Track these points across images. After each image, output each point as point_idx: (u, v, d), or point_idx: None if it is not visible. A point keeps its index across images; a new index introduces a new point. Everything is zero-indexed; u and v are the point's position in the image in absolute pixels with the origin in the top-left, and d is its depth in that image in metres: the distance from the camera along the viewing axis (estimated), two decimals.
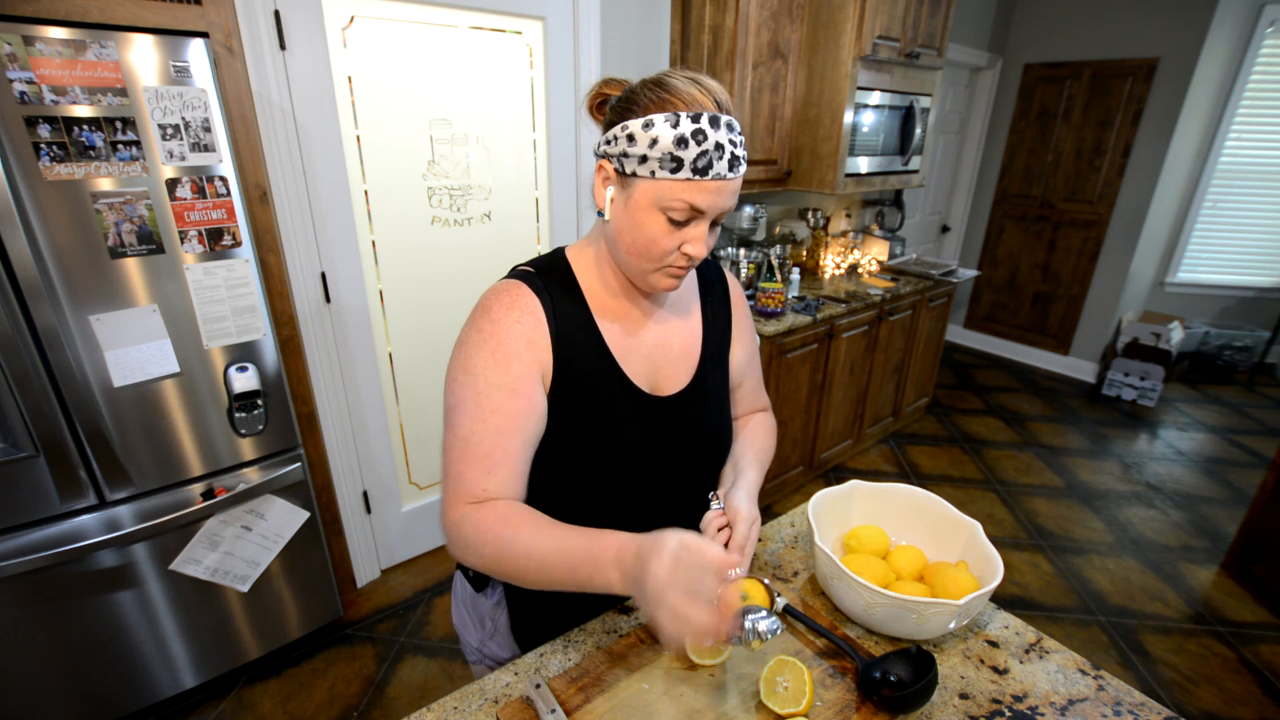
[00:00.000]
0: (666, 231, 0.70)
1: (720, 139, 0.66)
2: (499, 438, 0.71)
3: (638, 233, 0.71)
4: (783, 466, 2.66)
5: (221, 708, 1.70)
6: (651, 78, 0.70)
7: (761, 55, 2.26)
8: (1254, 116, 3.75)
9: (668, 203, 0.68)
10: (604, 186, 0.73)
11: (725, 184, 0.68)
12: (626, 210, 0.71)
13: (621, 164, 0.69)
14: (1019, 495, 2.83)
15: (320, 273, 1.81)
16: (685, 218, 0.69)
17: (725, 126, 0.67)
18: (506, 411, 0.72)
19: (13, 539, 1.32)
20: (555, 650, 0.82)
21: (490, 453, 0.71)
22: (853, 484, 1.02)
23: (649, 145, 0.66)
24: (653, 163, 0.66)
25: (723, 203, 0.70)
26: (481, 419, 0.71)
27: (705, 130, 0.65)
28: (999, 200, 4.36)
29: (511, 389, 0.72)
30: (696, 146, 0.65)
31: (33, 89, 1.13)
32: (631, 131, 0.67)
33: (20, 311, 1.21)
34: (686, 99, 0.66)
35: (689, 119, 0.65)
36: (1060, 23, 3.85)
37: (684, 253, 0.72)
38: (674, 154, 0.65)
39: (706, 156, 0.65)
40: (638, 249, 0.72)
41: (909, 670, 0.75)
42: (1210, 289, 4.17)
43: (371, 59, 1.75)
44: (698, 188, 0.67)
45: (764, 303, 2.31)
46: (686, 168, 0.66)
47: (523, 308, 0.74)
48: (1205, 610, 2.16)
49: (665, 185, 0.67)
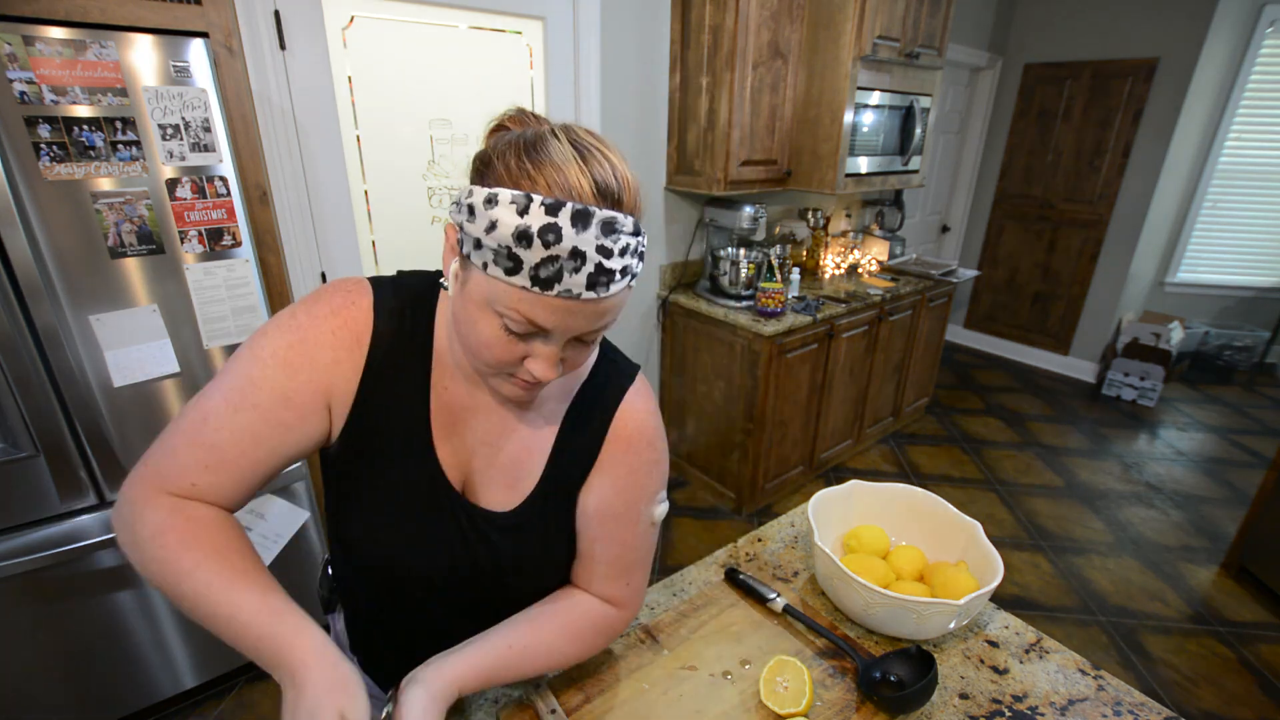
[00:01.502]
0: (502, 340, 0.54)
1: (582, 244, 0.49)
2: (241, 438, 0.58)
3: (470, 330, 0.55)
4: (783, 466, 2.66)
5: (222, 708, 1.70)
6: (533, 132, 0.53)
7: (761, 55, 2.26)
8: (1254, 116, 3.75)
9: (501, 308, 0.52)
10: (450, 255, 0.56)
11: (580, 305, 0.51)
12: (462, 297, 0.55)
13: (462, 238, 0.53)
14: (1019, 495, 2.83)
15: (320, 273, 1.81)
16: (524, 331, 0.53)
17: (598, 227, 0.49)
18: (267, 414, 0.59)
19: (13, 539, 1.32)
20: None
21: (223, 447, 0.58)
22: (853, 484, 1.02)
23: (486, 229, 0.49)
24: (487, 252, 0.50)
25: (578, 325, 0.53)
26: (236, 406, 0.58)
27: (560, 228, 0.48)
28: (999, 200, 4.36)
29: (286, 397, 0.59)
30: (542, 249, 0.48)
31: (33, 89, 1.13)
32: (473, 203, 0.51)
33: (20, 311, 1.21)
34: (552, 177, 0.49)
35: (541, 208, 0.48)
36: (1060, 23, 3.85)
37: (528, 369, 0.56)
38: (511, 250, 0.48)
39: (555, 265, 0.48)
40: (470, 348, 0.57)
41: (909, 670, 0.75)
42: (1210, 289, 4.17)
43: (371, 59, 1.75)
44: (538, 302, 0.50)
45: (764, 303, 2.31)
46: (524, 273, 0.49)
47: (346, 320, 0.61)
48: (1205, 610, 2.16)
49: (499, 287, 0.51)
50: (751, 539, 1.06)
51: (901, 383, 3.20)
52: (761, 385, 2.35)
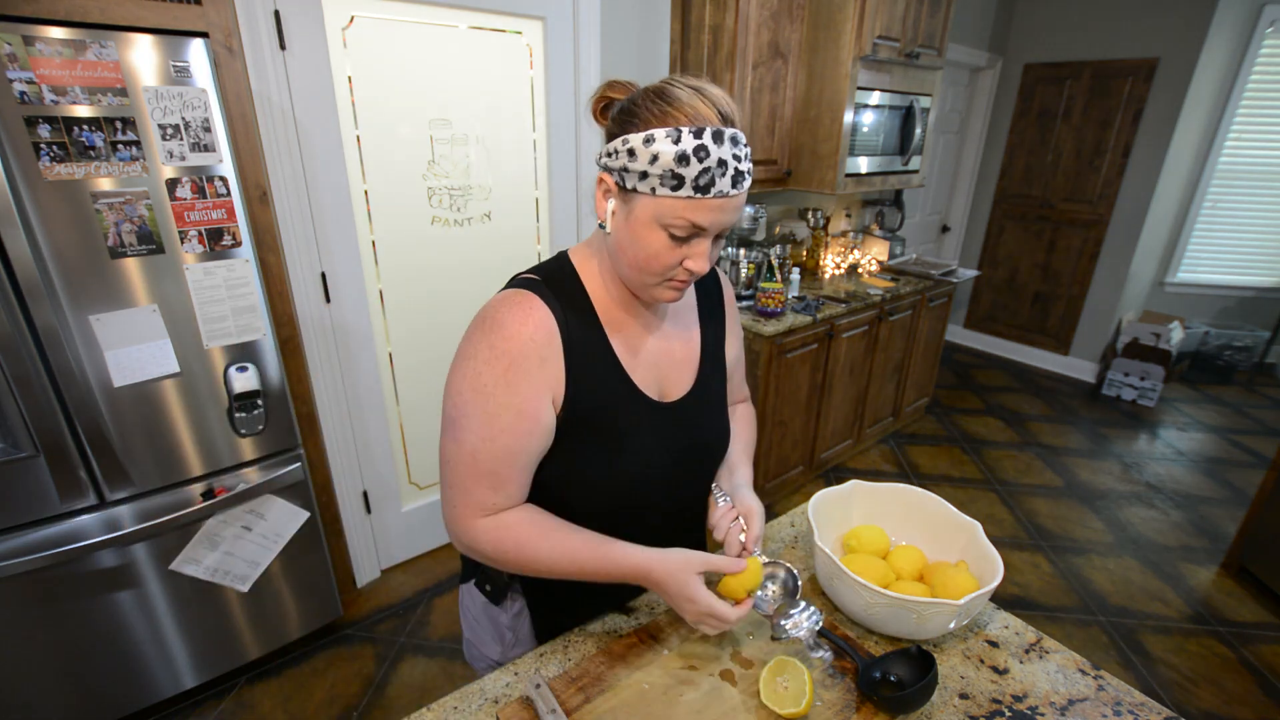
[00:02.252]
0: (668, 247, 0.68)
1: (724, 155, 0.64)
2: (507, 457, 0.72)
3: (639, 248, 0.69)
4: (783, 466, 2.66)
5: (221, 708, 1.70)
6: (653, 86, 0.68)
7: (761, 55, 2.26)
8: (1254, 116, 3.75)
9: (669, 220, 0.66)
10: (605, 199, 0.71)
11: (728, 201, 0.66)
12: (628, 225, 0.69)
13: (622, 178, 0.67)
14: (1019, 495, 2.83)
15: (320, 273, 1.81)
16: (687, 234, 0.67)
17: (729, 141, 0.64)
18: (515, 432, 0.71)
19: (13, 539, 1.32)
20: (555, 650, 0.82)
21: (498, 470, 0.72)
22: (853, 484, 1.02)
23: (649, 161, 0.63)
24: (653, 179, 0.64)
25: (726, 219, 0.68)
26: (490, 438, 0.71)
27: (708, 146, 0.63)
28: (999, 200, 4.36)
29: (520, 409, 0.71)
30: (698, 164, 0.63)
31: (33, 89, 1.13)
32: (632, 146, 0.64)
33: (20, 311, 1.21)
34: (689, 112, 0.64)
35: (691, 134, 0.62)
36: (1060, 23, 3.85)
37: (686, 268, 0.70)
38: (675, 171, 0.63)
39: (709, 174, 0.63)
40: (639, 264, 0.70)
41: (909, 670, 0.75)
42: (1210, 289, 4.17)
43: (371, 59, 1.75)
44: (700, 205, 0.65)
45: (764, 303, 2.31)
46: (688, 185, 0.63)
47: (536, 322, 0.72)
48: (1205, 610, 2.16)
49: (666, 203, 0.65)
50: None
51: (901, 383, 3.20)
52: (761, 385, 2.35)
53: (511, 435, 0.71)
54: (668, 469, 0.82)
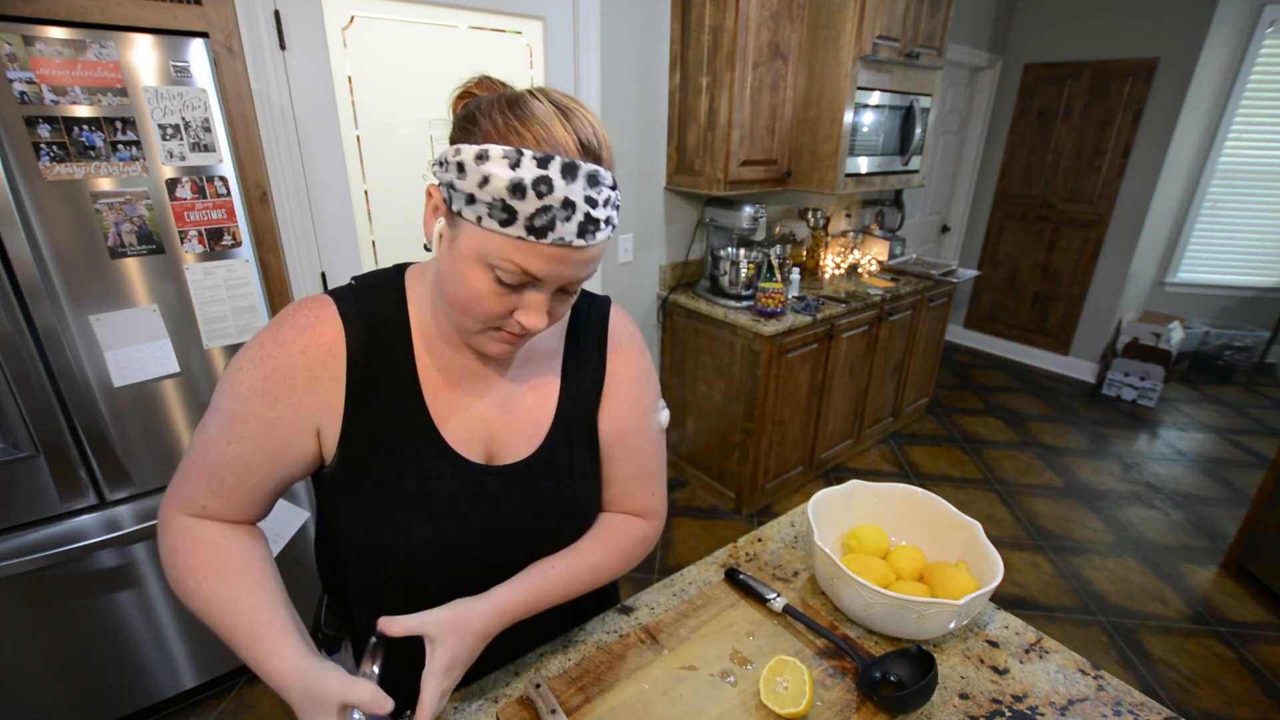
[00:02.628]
0: (493, 293, 0.56)
1: (571, 194, 0.52)
2: (236, 466, 0.62)
3: (459, 286, 0.57)
4: (783, 466, 2.66)
5: (222, 708, 1.70)
6: (513, 93, 0.57)
7: (761, 55, 2.26)
8: (1254, 116, 3.75)
9: (494, 260, 0.54)
10: (433, 216, 0.59)
11: (570, 252, 0.54)
12: (450, 255, 0.57)
13: (449, 195, 0.55)
14: (1019, 495, 2.83)
15: (320, 273, 1.81)
16: (516, 282, 0.55)
17: (585, 179, 0.53)
18: (254, 445, 0.62)
19: (13, 539, 1.32)
20: (555, 650, 0.82)
21: (222, 475, 0.62)
22: (853, 484, 1.02)
23: (479, 183, 0.51)
24: (480, 206, 0.52)
25: (568, 273, 0.56)
26: (226, 439, 0.61)
27: (552, 180, 0.51)
28: (999, 200, 4.36)
29: (269, 425, 0.61)
30: (536, 199, 0.51)
31: (33, 89, 1.13)
32: (462, 159, 0.52)
33: (20, 311, 1.21)
34: (539, 132, 0.52)
35: (533, 161, 0.51)
36: (1060, 23, 3.85)
37: (518, 320, 0.58)
38: (506, 202, 0.51)
39: (548, 214, 0.51)
40: (460, 304, 0.58)
41: (909, 670, 0.75)
42: (1210, 289, 4.17)
43: (371, 59, 1.75)
44: (532, 251, 0.53)
45: (764, 303, 2.31)
46: (519, 223, 0.52)
47: (315, 336, 0.61)
48: (1205, 610, 2.16)
49: (494, 239, 0.53)
50: (751, 539, 1.06)
51: (901, 383, 3.20)
52: (761, 385, 2.35)
53: (248, 447, 0.62)
54: (480, 547, 0.69)
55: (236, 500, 0.64)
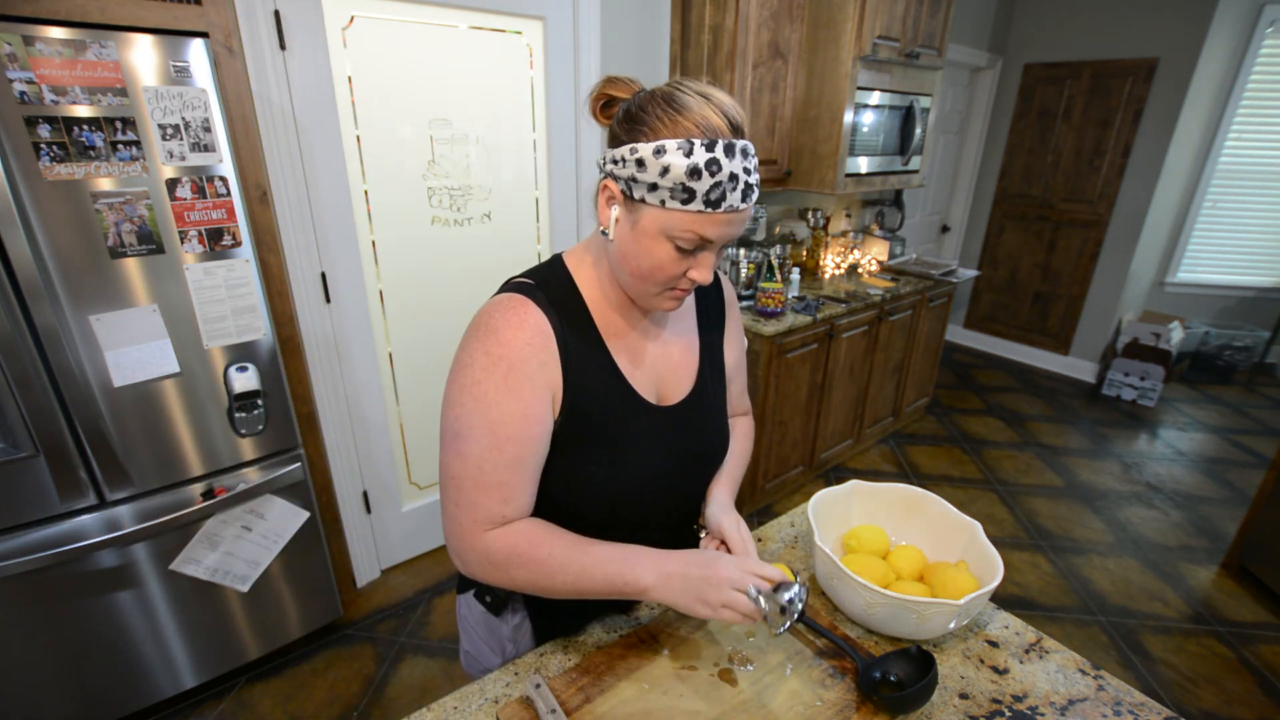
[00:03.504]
0: (674, 259, 0.67)
1: (735, 169, 0.62)
2: (515, 464, 0.70)
3: (644, 259, 0.68)
4: (783, 466, 2.66)
5: (221, 708, 1.70)
6: (661, 90, 0.66)
7: (761, 55, 2.26)
8: (1254, 116, 3.75)
9: (677, 233, 0.65)
10: (608, 206, 0.69)
11: (737, 215, 0.65)
12: (633, 235, 0.67)
13: (629, 188, 0.65)
14: (1019, 495, 2.83)
15: (320, 273, 1.81)
16: (694, 247, 0.67)
17: (740, 153, 0.63)
18: (521, 438, 0.70)
19: (13, 539, 1.32)
20: (555, 650, 0.82)
21: (507, 480, 0.70)
22: (853, 484, 1.02)
23: (660, 174, 0.62)
24: (663, 192, 0.62)
25: (733, 232, 0.67)
26: (496, 448, 0.69)
27: (720, 160, 0.61)
28: (999, 200, 4.36)
29: (524, 415, 0.70)
30: (710, 178, 0.61)
31: (33, 89, 1.13)
32: (641, 156, 0.62)
33: (20, 311, 1.21)
34: (700, 122, 0.62)
35: (703, 147, 0.61)
36: (1060, 23, 3.85)
37: (689, 278, 0.70)
38: (686, 185, 0.61)
39: (720, 188, 0.62)
40: (643, 274, 0.69)
41: (909, 670, 0.75)
42: (1210, 289, 4.17)
43: (371, 59, 1.75)
44: (709, 220, 0.64)
45: (764, 303, 2.31)
46: (699, 199, 0.62)
47: (532, 327, 0.70)
48: (1205, 610, 2.16)
49: (676, 216, 0.64)
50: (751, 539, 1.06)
51: (901, 383, 3.20)
52: (761, 385, 2.35)
53: (517, 443, 0.70)
54: (667, 473, 0.81)
55: (523, 495, 0.73)
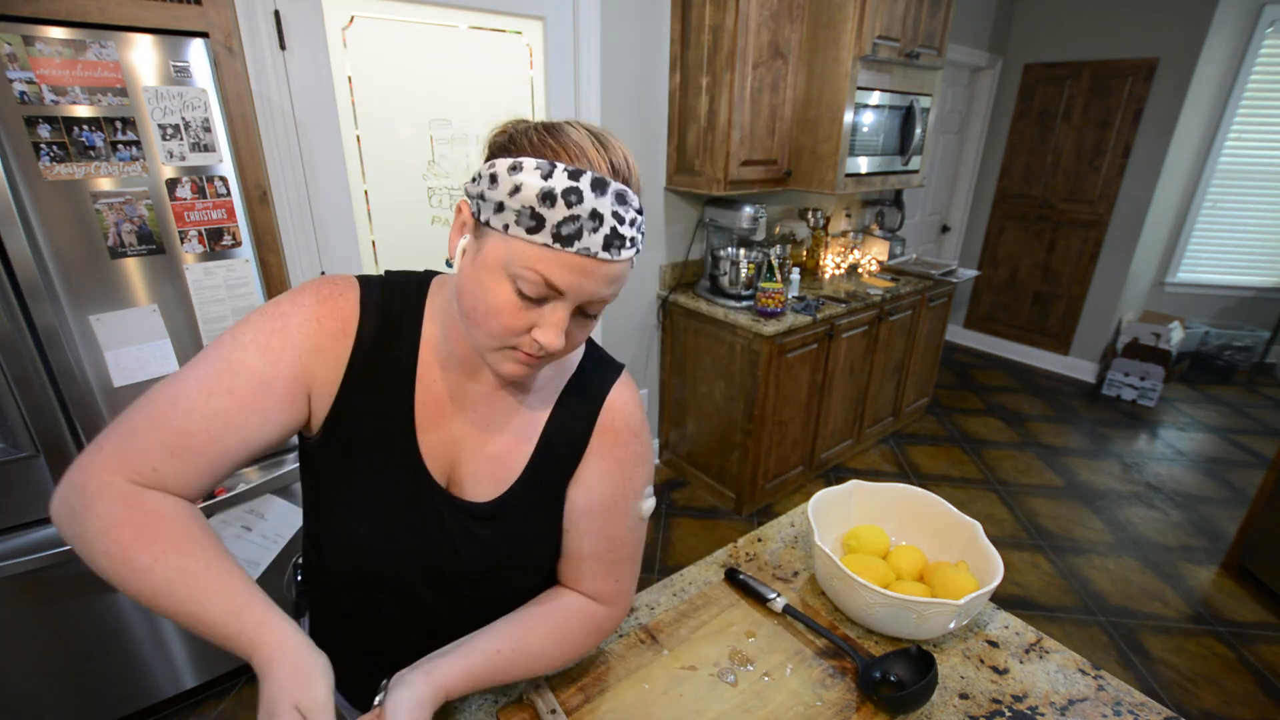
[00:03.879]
0: (513, 305, 0.56)
1: (600, 207, 0.53)
2: (214, 421, 0.56)
3: (480, 297, 0.57)
4: (783, 466, 2.66)
5: (221, 708, 1.70)
6: (549, 121, 0.58)
7: (761, 55, 2.26)
8: (1254, 116, 3.75)
9: (517, 269, 0.54)
10: (459, 232, 0.60)
11: (596, 265, 0.55)
12: (474, 266, 0.57)
13: (479, 208, 0.56)
14: (1019, 495, 2.83)
15: (320, 272, 1.81)
16: (538, 294, 0.55)
17: (614, 196, 0.54)
18: (242, 401, 0.57)
19: (13, 539, 1.32)
20: None
21: (192, 433, 0.56)
22: (853, 484, 1.02)
23: (510, 192, 0.53)
24: (509, 214, 0.53)
25: (590, 288, 0.56)
26: (210, 390, 0.57)
27: (582, 191, 0.52)
28: (999, 200, 4.36)
29: (266, 384, 0.59)
30: (565, 208, 0.52)
31: (33, 89, 1.13)
32: (496, 171, 0.54)
33: (20, 311, 1.21)
34: (574, 151, 0.54)
35: (565, 173, 0.53)
36: (1060, 23, 3.85)
37: (534, 338, 0.57)
38: (535, 209, 0.52)
39: (576, 223, 0.52)
40: (477, 316, 0.58)
41: (909, 670, 0.75)
42: (1210, 289, 4.17)
43: (371, 59, 1.75)
44: (556, 259, 0.53)
45: (764, 303, 2.31)
46: (546, 230, 0.52)
47: (332, 310, 0.62)
48: (1205, 610, 2.16)
49: (519, 247, 0.54)
50: (751, 539, 1.06)
51: (901, 383, 3.20)
52: (761, 385, 2.35)
53: (234, 401, 0.57)
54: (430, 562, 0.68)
55: (197, 466, 0.57)
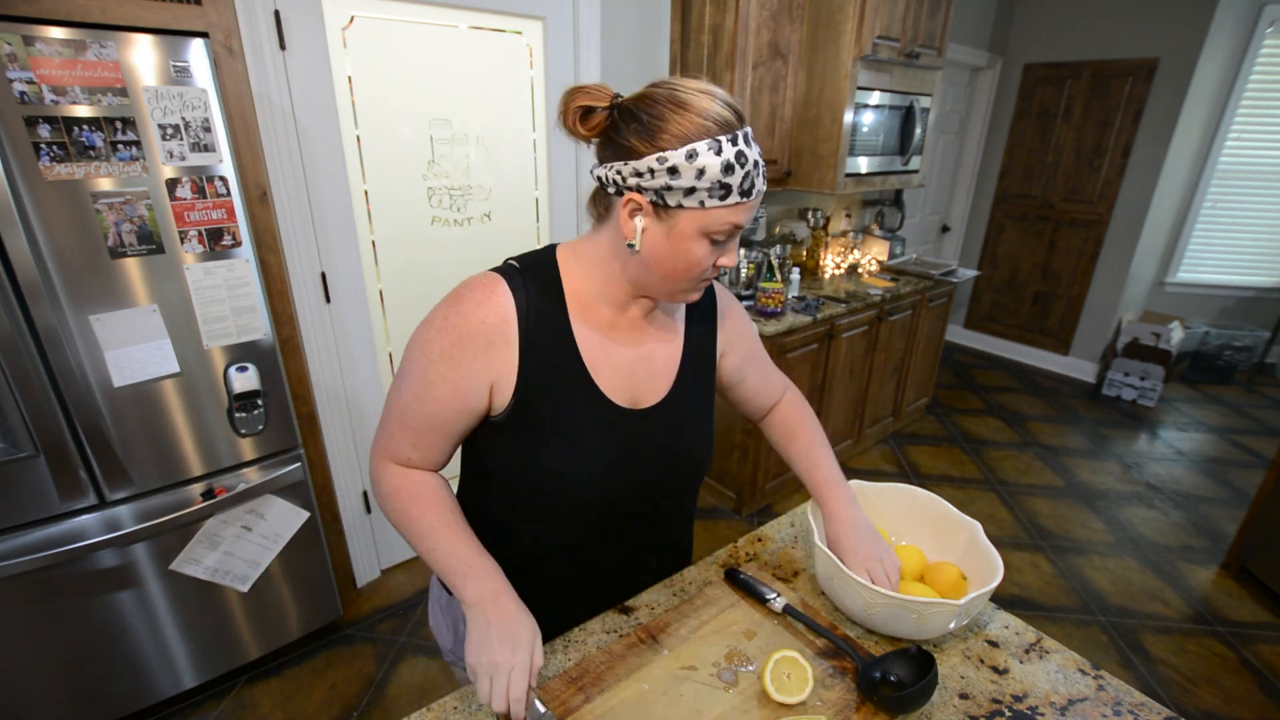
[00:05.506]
0: (709, 253, 0.70)
1: (755, 155, 0.66)
2: (431, 423, 0.75)
3: (679, 260, 0.70)
4: (783, 466, 2.65)
5: (221, 708, 1.70)
6: (662, 92, 0.67)
7: (761, 55, 2.26)
8: (1254, 116, 3.75)
9: (714, 227, 0.67)
10: (631, 218, 0.70)
11: (758, 197, 0.69)
12: (668, 240, 0.69)
13: (662, 197, 0.66)
14: (1019, 495, 2.83)
15: (320, 273, 1.81)
16: (727, 238, 0.70)
17: (752, 140, 0.67)
18: (444, 403, 0.74)
19: (13, 539, 1.32)
20: (555, 650, 0.82)
21: (420, 430, 0.76)
22: (853, 484, 1.01)
23: (696, 176, 0.63)
24: (701, 193, 0.64)
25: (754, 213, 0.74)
26: (421, 400, 0.74)
27: (745, 151, 0.65)
28: (999, 200, 4.36)
29: (455, 386, 0.73)
30: (740, 169, 0.64)
31: (33, 89, 1.13)
32: (674, 164, 0.63)
33: (20, 311, 1.21)
34: (715, 118, 0.64)
35: (729, 143, 0.64)
36: (1060, 23, 3.85)
37: (717, 265, 0.72)
38: (723, 181, 0.64)
39: (750, 177, 0.65)
40: (678, 273, 0.71)
41: (909, 670, 0.75)
42: (1210, 289, 4.17)
43: (371, 59, 1.75)
44: (743, 208, 0.67)
45: (764, 303, 2.31)
46: (735, 192, 0.65)
47: (492, 306, 0.73)
48: (1205, 610, 2.16)
49: (714, 213, 0.66)
50: (751, 539, 1.06)
51: (901, 383, 3.20)
52: None
53: (440, 405, 0.74)
54: (630, 476, 0.81)
55: (433, 451, 0.78)
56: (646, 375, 0.82)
